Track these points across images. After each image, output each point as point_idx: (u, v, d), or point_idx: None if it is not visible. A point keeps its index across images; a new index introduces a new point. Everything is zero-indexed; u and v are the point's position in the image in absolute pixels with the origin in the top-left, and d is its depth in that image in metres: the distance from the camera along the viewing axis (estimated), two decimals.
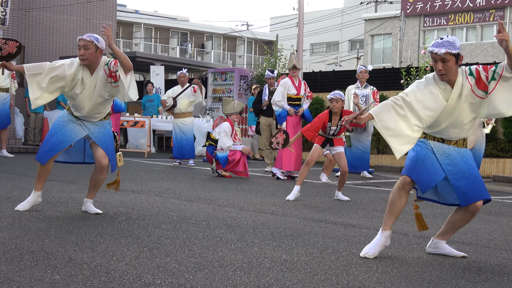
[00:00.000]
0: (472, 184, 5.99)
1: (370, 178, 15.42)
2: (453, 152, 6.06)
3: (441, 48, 5.82)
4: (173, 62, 28.02)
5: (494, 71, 5.86)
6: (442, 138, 6.12)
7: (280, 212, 8.72)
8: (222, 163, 13.78)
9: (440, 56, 5.83)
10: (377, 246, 6.04)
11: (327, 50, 68.06)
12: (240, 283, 4.79)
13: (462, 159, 6.06)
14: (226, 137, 13.81)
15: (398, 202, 6.07)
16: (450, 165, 6.03)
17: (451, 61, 5.83)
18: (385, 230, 6.07)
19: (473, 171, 6.03)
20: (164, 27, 59.02)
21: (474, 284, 5.18)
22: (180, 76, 16.32)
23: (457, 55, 5.84)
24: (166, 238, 6.39)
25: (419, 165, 6.03)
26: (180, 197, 9.82)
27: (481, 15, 49.66)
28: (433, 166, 6.03)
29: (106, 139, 7.70)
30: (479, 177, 6.07)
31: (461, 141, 6.12)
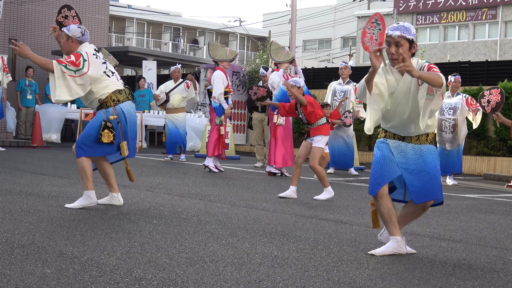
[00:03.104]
0: (427, 182, 5.99)
1: (356, 175, 15.42)
2: (410, 150, 6.05)
3: (395, 31, 5.82)
4: (165, 57, 28.00)
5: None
6: (402, 135, 6.09)
7: (271, 208, 8.72)
8: (217, 113, 13.74)
9: (394, 39, 5.82)
10: (387, 249, 6.04)
11: (319, 47, 68.14)
12: (231, 278, 4.79)
13: (419, 157, 6.04)
14: (219, 83, 13.69)
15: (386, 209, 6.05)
16: (405, 163, 6.04)
17: (405, 46, 5.83)
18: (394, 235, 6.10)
19: (430, 169, 6.01)
20: (157, 22, 58.93)
21: (464, 281, 5.19)
22: (174, 71, 16.29)
23: (411, 41, 5.85)
24: (157, 233, 6.39)
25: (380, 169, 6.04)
26: (171, 192, 9.81)
27: (474, 13, 49.80)
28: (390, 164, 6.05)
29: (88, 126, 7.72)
30: (437, 176, 6.05)
31: (423, 137, 6.10)
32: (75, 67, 7.45)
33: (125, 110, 7.69)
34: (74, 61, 7.47)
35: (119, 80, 7.82)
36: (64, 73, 7.43)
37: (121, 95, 7.69)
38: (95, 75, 7.57)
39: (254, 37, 57.44)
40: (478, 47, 49.30)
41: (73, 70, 7.45)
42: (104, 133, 7.59)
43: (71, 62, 7.45)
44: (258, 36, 58.16)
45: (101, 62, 7.68)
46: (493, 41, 48.53)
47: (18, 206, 7.51)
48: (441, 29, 51.78)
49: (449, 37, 51.91)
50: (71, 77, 7.45)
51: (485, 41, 49.09)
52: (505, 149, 17.93)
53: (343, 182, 13.30)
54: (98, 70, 7.61)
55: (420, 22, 52.37)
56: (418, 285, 4.99)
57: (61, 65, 7.43)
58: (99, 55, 7.78)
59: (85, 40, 7.84)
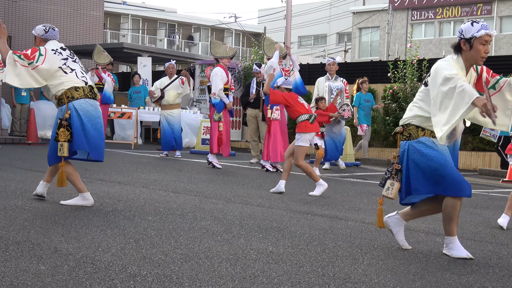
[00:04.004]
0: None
1: (344, 168, 15.46)
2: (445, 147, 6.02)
3: (491, 30, 5.84)
4: (160, 54, 27.94)
5: (498, 81, 5.92)
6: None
7: (266, 204, 8.72)
8: (217, 109, 13.76)
9: (490, 38, 5.85)
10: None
11: (315, 43, 68.07)
12: (226, 274, 4.79)
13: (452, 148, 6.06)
14: (218, 79, 13.73)
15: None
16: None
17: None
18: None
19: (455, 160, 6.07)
20: (152, 18, 58.87)
21: (459, 276, 5.19)
22: (169, 67, 16.28)
23: None
24: (152, 229, 6.38)
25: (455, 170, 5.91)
26: (166, 188, 9.80)
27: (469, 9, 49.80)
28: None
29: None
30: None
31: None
32: (28, 60, 7.58)
33: (78, 108, 7.61)
34: (28, 55, 7.60)
35: (80, 77, 7.76)
36: (16, 61, 7.55)
37: (77, 92, 7.66)
38: (48, 70, 7.64)
39: (250, 33, 57.43)
40: None
41: (26, 62, 7.58)
42: (60, 132, 7.59)
43: (25, 55, 7.60)
44: (253, 32, 58.13)
45: (60, 59, 7.74)
46: None
47: (13, 203, 7.51)
48: (436, 24, 51.77)
49: (444, 33, 51.90)
50: (23, 67, 7.57)
51: None
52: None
53: (339, 178, 13.30)
54: (52, 65, 7.66)
55: (415, 17, 52.36)
56: (413, 280, 4.99)
57: (15, 55, 7.57)
58: (64, 52, 7.86)
59: (50, 37, 7.96)
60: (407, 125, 6.07)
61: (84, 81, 7.77)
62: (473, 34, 5.81)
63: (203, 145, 18.58)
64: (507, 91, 5.95)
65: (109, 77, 17.01)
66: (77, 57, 8.07)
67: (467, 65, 5.91)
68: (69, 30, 27.79)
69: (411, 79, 19.36)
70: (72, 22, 27.93)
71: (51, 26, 8.01)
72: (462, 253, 5.95)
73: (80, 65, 7.91)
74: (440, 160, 5.84)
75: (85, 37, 28.29)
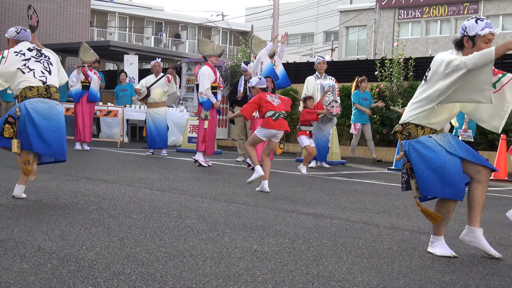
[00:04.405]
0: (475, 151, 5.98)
1: (328, 168, 15.50)
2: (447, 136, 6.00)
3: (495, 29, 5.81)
4: (147, 52, 27.92)
5: (499, 79, 5.90)
6: (436, 129, 6.02)
7: (252, 203, 8.72)
8: (205, 107, 13.77)
9: (493, 37, 5.80)
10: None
11: (302, 41, 68.19)
12: (209, 272, 4.79)
13: (453, 138, 6.02)
14: (205, 79, 13.75)
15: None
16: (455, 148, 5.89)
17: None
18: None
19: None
20: (139, 16, 58.76)
21: (443, 274, 5.21)
22: (155, 65, 16.26)
23: None
24: (136, 227, 6.37)
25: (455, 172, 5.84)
26: (152, 187, 9.79)
27: (455, 8, 49.97)
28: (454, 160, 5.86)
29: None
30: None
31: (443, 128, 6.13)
32: None
33: (28, 107, 7.61)
34: None
35: (38, 77, 7.77)
36: None
37: (31, 92, 7.69)
38: (7, 73, 7.75)
39: (237, 31, 57.43)
40: None
41: None
42: (5, 127, 7.64)
43: None
44: (240, 31, 58.14)
45: (20, 60, 7.82)
46: None
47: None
48: (423, 23, 51.91)
49: (431, 32, 52.05)
50: None
51: None
52: (486, 143, 18.00)
53: (325, 177, 13.31)
54: (11, 67, 7.75)
55: (402, 16, 52.49)
56: (397, 278, 5.00)
57: None
58: (29, 53, 7.91)
59: (21, 38, 8.08)
60: (406, 124, 6.04)
61: (42, 81, 7.77)
62: (477, 32, 5.75)
63: (189, 143, 18.58)
64: (509, 90, 5.90)
65: (95, 75, 16.95)
66: (47, 57, 8.02)
67: None
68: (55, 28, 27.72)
69: (397, 77, 19.40)
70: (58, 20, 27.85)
71: (23, 27, 8.17)
72: (446, 251, 5.97)
73: (44, 65, 7.88)
74: (439, 162, 5.81)
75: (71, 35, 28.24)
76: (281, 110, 10.33)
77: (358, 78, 17.43)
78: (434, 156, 5.83)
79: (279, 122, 10.25)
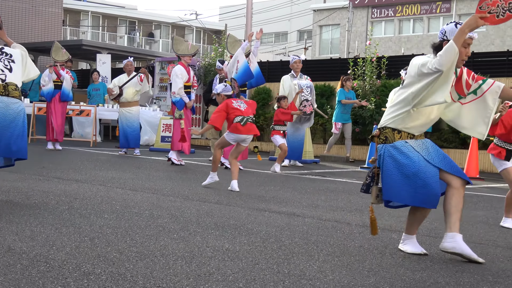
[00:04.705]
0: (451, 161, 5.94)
1: (301, 166, 15.55)
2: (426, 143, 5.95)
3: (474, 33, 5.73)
4: (120, 51, 27.79)
5: (480, 86, 5.89)
6: (413, 134, 5.95)
7: (224, 202, 8.71)
8: (178, 107, 13.77)
9: (472, 41, 5.75)
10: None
11: (275, 40, 68.22)
12: (180, 272, 4.78)
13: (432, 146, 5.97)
14: (177, 78, 13.75)
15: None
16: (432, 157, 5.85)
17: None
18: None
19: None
20: (112, 15, 58.49)
21: (413, 272, 5.24)
22: (127, 64, 16.21)
23: None
24: (108, 227, 6.35)
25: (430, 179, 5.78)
26: (124, 186, 9.76)
27: (428, 7, 50.24)
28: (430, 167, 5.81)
29: None
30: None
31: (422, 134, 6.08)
32: None
33: None
34: None
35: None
36: None
37: None
38: None
39: (210, 30, 57.35)
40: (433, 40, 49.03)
41: None
42: None
43: None
44: (214, 30, 58.05)
45: None
46: None
47: None
48: (396, 22, 52.13)
49: (404, 30, 52.28)
50: None
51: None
52: (458, 141, 18.12)
53: (298, 175, 13.34)
54: None
55: (375, 15, 52.68)
56: (368, 276, 5.02)
57: None
58: None
59: None
60: (383, 128, 5.99)
61: (0, 79, 7.70)
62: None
63: (162, 142, 18.54)
64: (490, 96, 5.87)
65: (67, 74, 16.86)
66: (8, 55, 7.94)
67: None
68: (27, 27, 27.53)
69: (370, 76, 19.47)
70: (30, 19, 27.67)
71: None
72: (416, 249, 6.00)
73: (4, 63, 7.80)
74: (412, 169, 5.76)
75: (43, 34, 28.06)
76: (249, 115, 10.35)
77: (343, 77, 17.50)
78: (408, 162, 5.78)
79: (247, 127, 10.27)
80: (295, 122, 15.22)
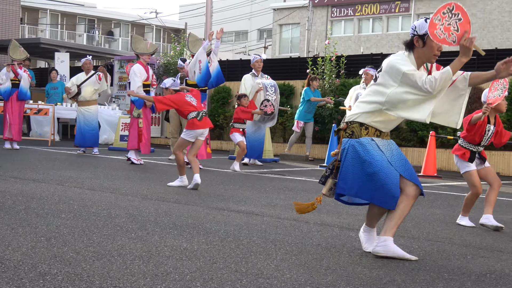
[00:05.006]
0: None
1: (261, 165, 15.59)
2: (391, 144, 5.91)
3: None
4: (79, 49, 27.63)
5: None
6: (380, 130, 5.90)
7: (183, 201, 8.69)
8: (137, 105, 13.75)
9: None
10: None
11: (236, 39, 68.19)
12: (138, 271, 4.76)
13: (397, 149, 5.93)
14: (136, 77, 13.72)
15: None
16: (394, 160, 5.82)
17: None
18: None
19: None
20: (71, 13, 58.05)
21: (370, 270, 5.27)
22: (85, 63, 16.10)
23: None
24: (65, 227, 6.30)
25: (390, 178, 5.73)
26: (82, 186, 9.69)
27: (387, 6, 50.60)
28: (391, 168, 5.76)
29: None
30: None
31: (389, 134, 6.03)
32: None
33: None
34: None
35: None
36: None
37: None
38: None
39: (170, 29, 57.17)
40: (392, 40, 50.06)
41: None
42: None
43: None
44: (174, 28, 57.89)
45: None
46: (406, 33, 49.23)
47: None
48: (355, 21, 52.41)
49: (363, 30, 52.59)
50: None
51: (398, 33, 49.88)
52: (416, 139, 18.28)
53: (257, 174, 13.35)
54: None
55: (335, 14, 52.92)
56: (325, 274, 5.04)
57: None
58: None
59: None
60: (351, 123, 5.91)
61: None
62: (427, 30, 5.66)
63: (121, 141, 18.45)
64: (460, 84, 5.83)
65: (25, 73, 16.70)
66: None
67: (418, 63, 5.78)
68: None
69: (329, 75, 19.56)
70: None
71: None
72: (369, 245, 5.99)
73: None
74: (374, 168, 5.71)
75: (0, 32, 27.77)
76: (202, 109, 10.46)
77: (310, 76, 17.58)
78: (371, 160, 5.72)
79: (204, 121, 10.42)
80: (258, 120, 15.26)
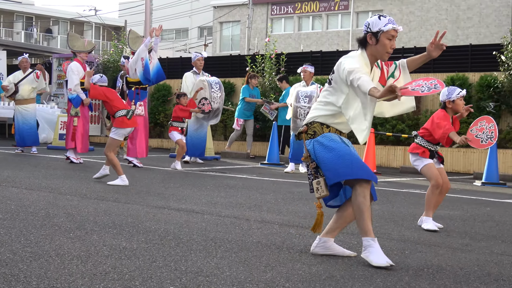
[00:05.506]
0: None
1: (202, 163, 15.59)
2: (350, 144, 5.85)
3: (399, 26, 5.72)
4: (16, 47, 27.27)
5: (396, 67, 5.91)
6: (341, 131, 5.88)
7: (123, 200, 8.63)
8: (74, 104, 13.65)
9: (397, 34, 5.69)
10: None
11: (176, 37, 67.92)
12: (76, 271, 4.71)
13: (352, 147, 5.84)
14: (73, 75, 13.64)
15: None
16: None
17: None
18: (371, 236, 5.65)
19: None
20: (8, 10, 57.17)
21: (309, 266, 5.30)
22: (22, 61, 15.89)
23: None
24: (1, 227, 6.20)
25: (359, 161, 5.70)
26: (20, 185, 9.56)
27: (327, 4, 50.92)
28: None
29: None
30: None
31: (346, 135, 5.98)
32: None
33: None
34: None
35: None
36: None
37: None
38: None
39: (110, 26, 56.69)
40: (332, 37, 50.41)
41: None
42: None
43: None
44: (113, 26, 57.43)
45: None
46: (345, 31, 49.70)
47: None
48: (295, 19, 52.63)
49: (303, 27, 52.82)
50: None
51: (338, 31, 50.25)
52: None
53: (198, 172, 13.33)
54: None
55: (275, 12, 53.07)
56: (265, 271, 5.06)
57: None
58: None
59: None
60: (311, 123, 5.85)
61: None
62: (380, 28, 5.64)
63: (60, 140, 18.25)
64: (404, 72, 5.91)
65: None
66: None
67: (371, 60, 5.78)
68: None
69: (269, 73, 19.62)
70: None
71: None
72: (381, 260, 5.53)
73: None
74: (345, 149, 5.66)
75: None
76: (129, 108, 10.55)
77: (249, 74, 17.61)
78: (339, 146, 5.67)
79: (133, 120, 10.58)
80: (203, 118, 15.25)
